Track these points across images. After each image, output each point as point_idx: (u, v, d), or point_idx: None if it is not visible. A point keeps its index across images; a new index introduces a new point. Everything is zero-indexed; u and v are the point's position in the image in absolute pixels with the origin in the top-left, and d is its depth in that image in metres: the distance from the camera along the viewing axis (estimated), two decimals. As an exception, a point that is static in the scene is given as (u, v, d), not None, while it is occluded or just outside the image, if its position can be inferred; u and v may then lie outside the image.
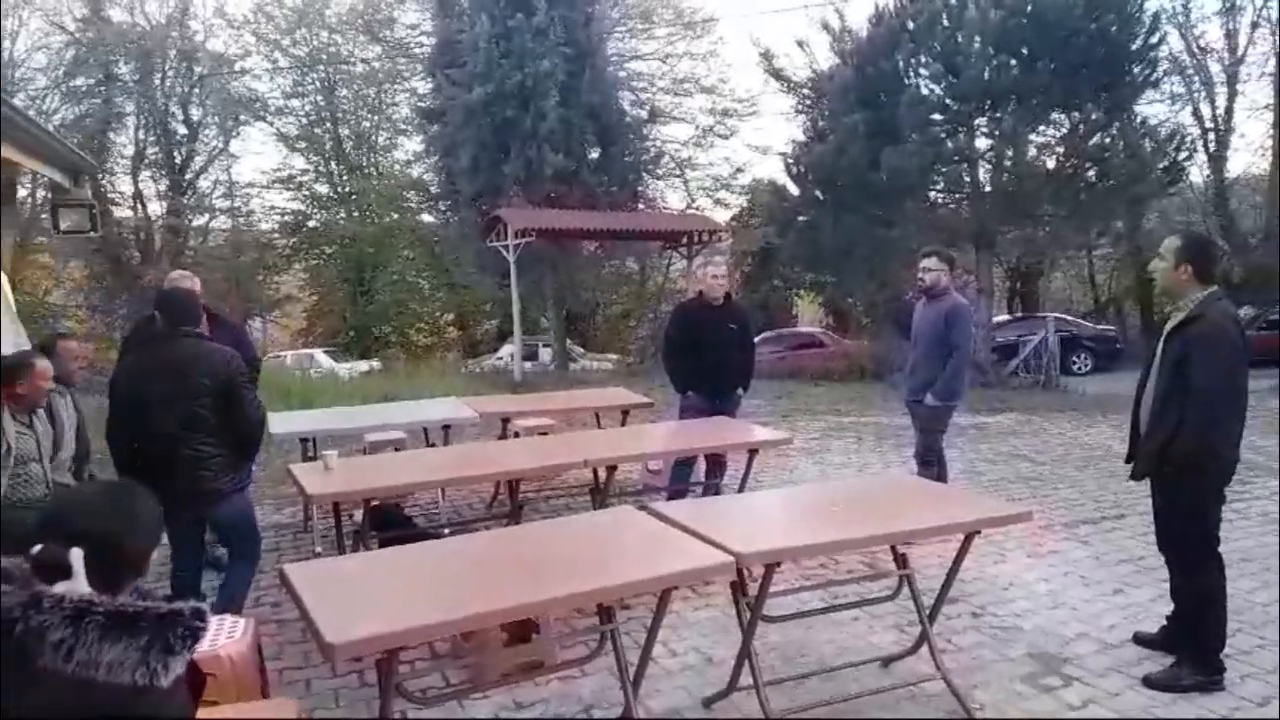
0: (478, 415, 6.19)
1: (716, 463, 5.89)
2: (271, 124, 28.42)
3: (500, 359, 21.65)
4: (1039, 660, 3.81)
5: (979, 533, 3.62)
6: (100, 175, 23.55)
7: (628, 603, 4.36)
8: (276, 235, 29.02)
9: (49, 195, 6.31)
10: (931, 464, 5.44)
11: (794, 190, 17.74)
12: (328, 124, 28.91)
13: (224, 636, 2.64)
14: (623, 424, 6.73)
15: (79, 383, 4.74)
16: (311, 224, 29.23)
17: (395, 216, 28.47)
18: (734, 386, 5.99)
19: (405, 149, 29.40)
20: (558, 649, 3.92)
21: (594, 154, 19.86)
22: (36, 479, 3.96)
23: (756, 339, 7.61)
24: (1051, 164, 15.51)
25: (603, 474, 4.85)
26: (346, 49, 28.43)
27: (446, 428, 6.00)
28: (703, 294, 5.94)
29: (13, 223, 6.48)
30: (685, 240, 17.94)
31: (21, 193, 16.00)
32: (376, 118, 29.29)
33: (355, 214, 28.82)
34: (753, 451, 5.32)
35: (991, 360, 15.36)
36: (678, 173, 27.92)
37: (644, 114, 23.14)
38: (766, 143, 46.25)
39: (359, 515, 4.58)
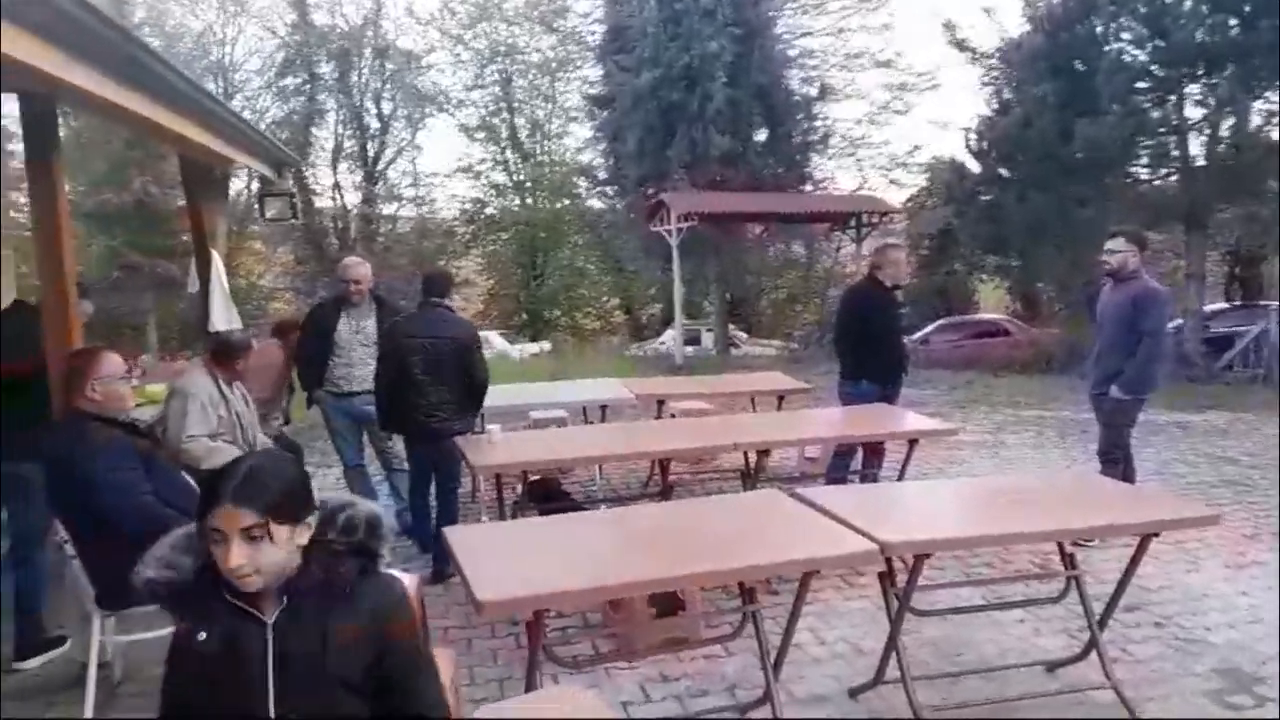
0: (634, 397, 6.32)
1: (874, 452, 5.72)
2: (453, 115, 30.02)
3: (663, 343, 21.92)
4: (1228, 677, 3.47)
5: (1157, 535, 3.33)
6: (303, 168, 25.75)
7: (775, 588, 4.35)
8: (457, 222, 30.65)
9: (259, 187, 6.96)
10: (1116, 462, 5.04)
11: (976, 168, 16.81)
12: (504, 114, 30.17)
13: (390, 591, 2.85)
14: (778, 409, 6.66)
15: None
16: (489, 211, 30.66)
17: (566, 202, 29.37)
18: (904, 372, 5.81)
19: (576, 136, 30.26)
20: (702, 626, 3.97)
21: (760, 135, 19.63)
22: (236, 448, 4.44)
23: (931, 326, 7.25)
24: (1278, 134, 13.84)
25: (754, 458, 4.83)
26: (523, 40, 29.55)
27: (604, 408, 6.17)
28: (876, 277, 5.70)
29: (227, 211, 7.20)
30: (854, 222, 17.43)
31: (238, 185, 17.68)
32: (550, 106, 30.31)
33: (529, 200, 29.98)
34: (913, 442, 5.12)
35: (1202, 352, 13.92)
36: (849, 152, 27.12)
37: (813, 92, 22.58)
38: (947, 118, 44.00)
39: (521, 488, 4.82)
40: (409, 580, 3.02)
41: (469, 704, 2.97)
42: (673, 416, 6.70)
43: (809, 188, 21.36)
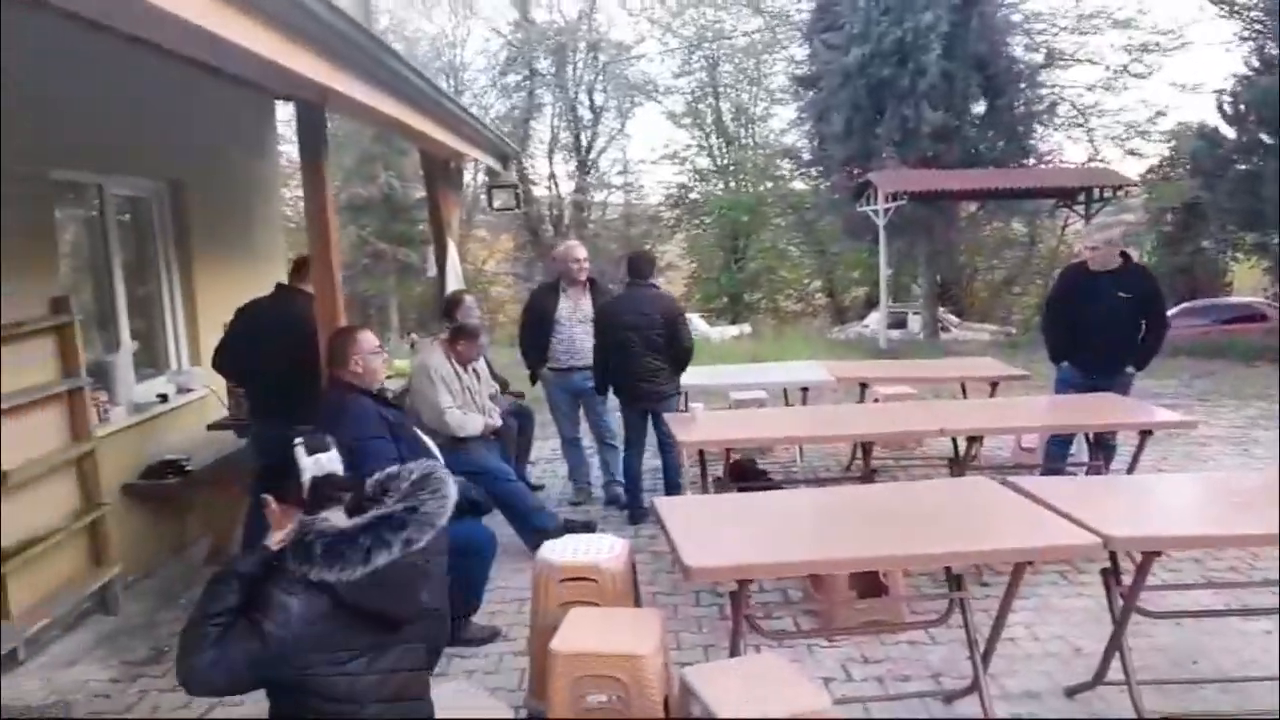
0: (835, 379, 6.27)
1: (1101, 445, 5.34)
2: (660, 103, 30.57)
3: (866, 326, 21.32)
4: None
5: None
6: (523, 159, 27.29)
7: (985, 580, 4.22)
8: (662, 207, 31.27)
9: (486, 179, 7.55)
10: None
11: (1231, 133, 15.03)
12: (710, 99, 30.35)
13: (605, 553, 3.08)
14: (991, 396, 6.36)
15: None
16: (693, 196, 31.02)
17: (768, 185, 29.15)
18: (1121, 363, 5.33)
19: (780, 118, 29.91)
20: (906, 610, 3.93)
21: (978, 108, 18.54)
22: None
23: (1174, 310, 6.57)
24: None
25: (963, 445, 4.69)
26: (730, 24, 29.54)
27: (805, 390, 6.16)
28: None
29: (459, 200, 7.85)
30: (1083, 197, 16.10)
31: (465, 178, 19.01)
32: (755, 89, 30.12)
33: (731, 184, 30.04)
34: (1145, 434, 4.76)
35: None
36: (1079, 121, 24.94)
37: (1039, 58, 20.97)
38: (1196, 79, 39.29)
39: (719, 468, 4.96)
40: (620, 545, 3.25)
41: (675, 665, 3.14)
42: (876, 401, 6.58)
43: (1031, 161, 19.92)
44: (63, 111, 4.34)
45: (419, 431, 4.03)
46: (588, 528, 4.87)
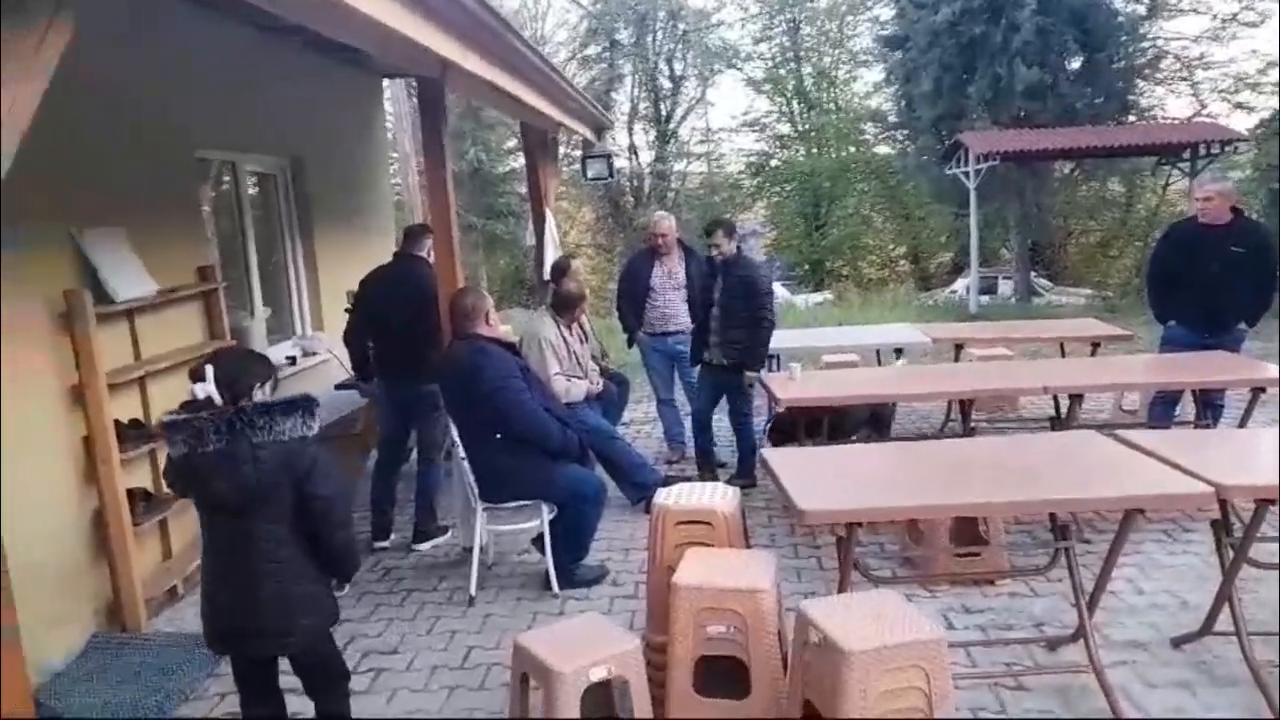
0: (930, 340, 6.28)
1: (1208, 405, 5.26)
2: (740, 70, 30.23)
3: (954, 291, 20.86)
4: None
5: None
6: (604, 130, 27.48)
7: (1088, 537, 4.25)
8: (743, 175, 31.03)
9: (581, 150, 7.76)
10: None
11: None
12: (791, 64, 29.86)
13: (717, 498, 3.26)
14: (1091, 356, 6.29)
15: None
16: (774, 163, 30.68)
17: (851, 150, 28.60)
18: (1231, 320, 5.22)
19: (865, 80, 29.22)
20: (1006, 558, 4.01)
21: (1074, 63, 17.80)
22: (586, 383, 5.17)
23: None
24: None
25: (1065, 404, 4.69)
26: (812, -14, 28.93)
27: (898, 350, 6.19)
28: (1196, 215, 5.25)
29: (556, 171, 8.07)
30: (1188, 154, 15.39)
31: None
32: (837, 51, 29.49)
33: (813, 150, 29.58)
34: (1257, 391, 4.67)
35: None
36: (1183, 75, 23.67)
37: (1141, 9, 19.96)
38: (1317, 25, 36.67)
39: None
40: (731, 492, 3.43)
41: (788, 596, 3.31)
42: (970, 361, 6.56)
43: (1132, 118, 19.07)
44: (204, 97, 4.70)
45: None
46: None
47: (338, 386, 5.62)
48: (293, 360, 5.62)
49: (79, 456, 3.74)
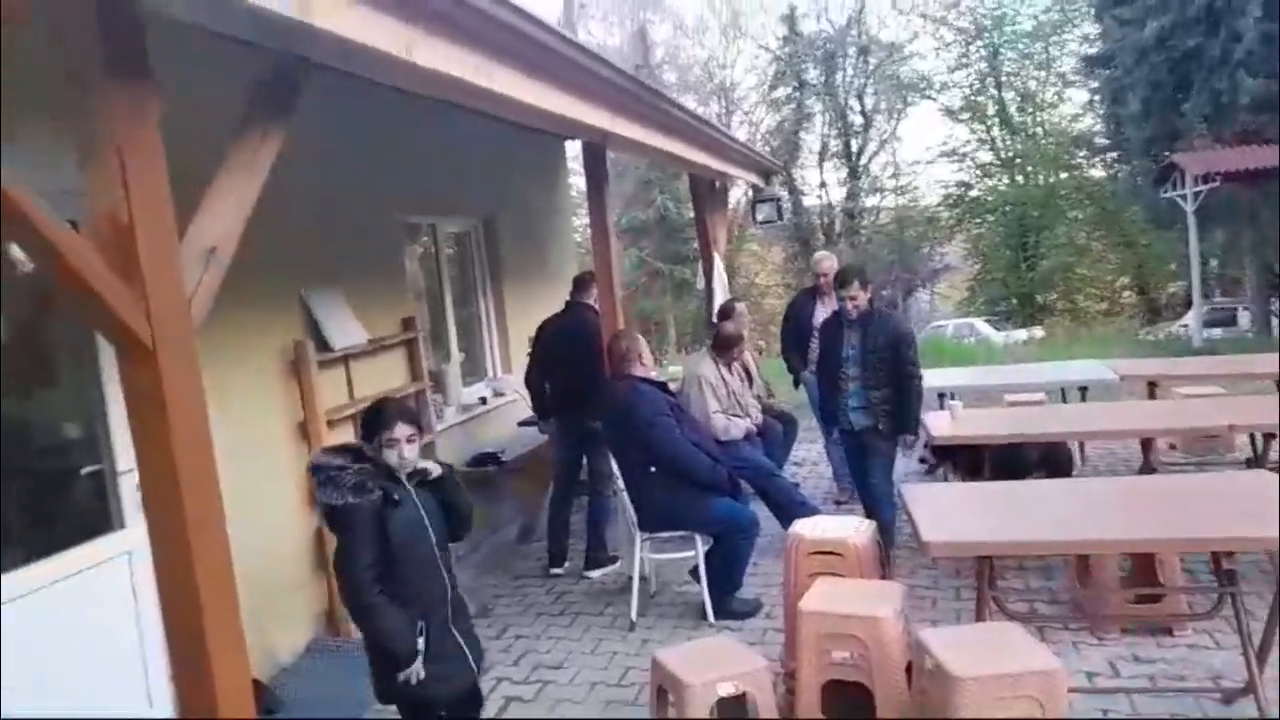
0: (1118, 377, 5.94)
1: None
2: (934, 100, 29.48)
3: (1185, 325, 19.07)
4: None
5: None
6: (792, 170, 27.67)
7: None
8: (940, 208, 30.04)
9: (751, 194, 8.06)
10: None
11: None
12: (990, 90, 28.75)
13: (851, 531, 3.37)
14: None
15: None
16: (973, 193, 29.50)
17: (1062, 175, 26.99)
18: None
19: (1073, 102, 27.61)
20: (1185, 604, 3.77)
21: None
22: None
23: None
24: None
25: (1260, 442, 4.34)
26: (1011, 9, 27.84)
27: (1084, 389, 5.91)
28: None
29: (725, 218, 8.41)
30: None
31: (736, 194, 19.70)
32: (1043, 74, 28.09)
33: (1018, 178, 28.19)
34: None
35: None
36: None
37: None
38: None
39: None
40: (866, 525, 3.51)
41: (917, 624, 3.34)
42: (1169, 399, 6.12)
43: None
44: (407, 168, 5.42)
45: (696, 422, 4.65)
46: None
47: (520, 424, 6.16)
48: (484, 400, 6.23)
49: (302, 483, 4.41)
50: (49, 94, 1.91)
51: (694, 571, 4.56)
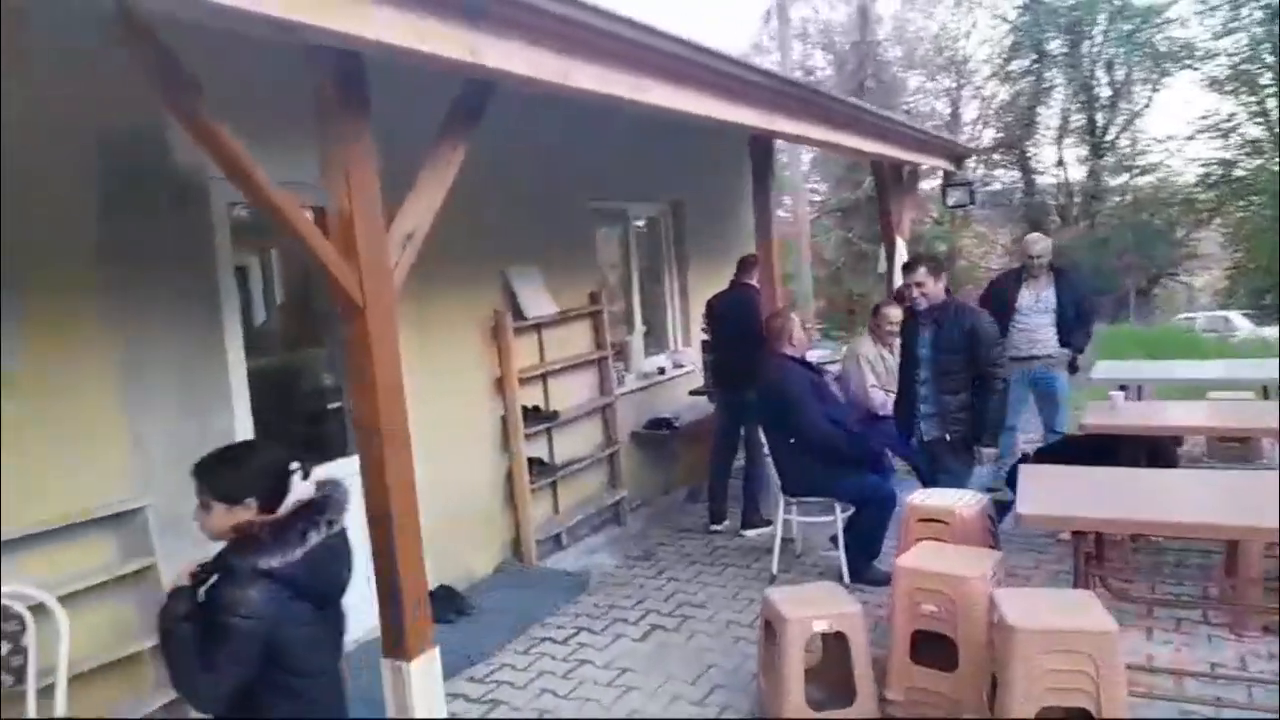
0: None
1: None
2: (1196, 70, 26.43)
3: None
4: None
5: None
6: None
7: None
8: (1197, 189, 27.00)
9: (943, 178, 8.06)
10: None
11: None
12: (1265, 57, 25.36)
13: (959, 501, 3.62)
14: None
15: None
16: (1238, 172, 26.25)
17: (1354, 152, 23.44)
18: None
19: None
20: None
21: None
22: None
23: None
24: None
25: None
26: (1299, -40, 24.35)
27: (1266, 387, 5.55)
28: None
29: (915, 203, 8.49)
30: None
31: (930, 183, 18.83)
32: (1336, 38, 24.38)
33: (1296, 155, 24.75)
34: None
35: None
36: None
37: None
38: None
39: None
40: (979, 498, 3.72)
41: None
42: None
43: None
44: (601, 157, 6.06)
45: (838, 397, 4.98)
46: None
47: (690, 393, 6.71)
48: (662, 370, 6.83)
49: (497, 430, 5.21)
50: (298, 118, 2.65)
51: (834, 538, 4.90)
